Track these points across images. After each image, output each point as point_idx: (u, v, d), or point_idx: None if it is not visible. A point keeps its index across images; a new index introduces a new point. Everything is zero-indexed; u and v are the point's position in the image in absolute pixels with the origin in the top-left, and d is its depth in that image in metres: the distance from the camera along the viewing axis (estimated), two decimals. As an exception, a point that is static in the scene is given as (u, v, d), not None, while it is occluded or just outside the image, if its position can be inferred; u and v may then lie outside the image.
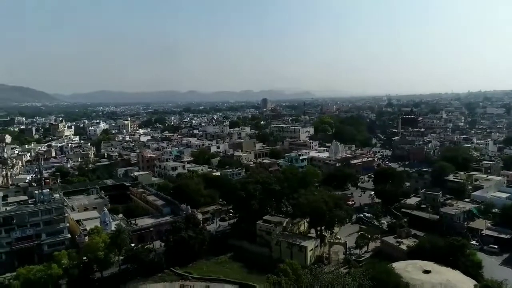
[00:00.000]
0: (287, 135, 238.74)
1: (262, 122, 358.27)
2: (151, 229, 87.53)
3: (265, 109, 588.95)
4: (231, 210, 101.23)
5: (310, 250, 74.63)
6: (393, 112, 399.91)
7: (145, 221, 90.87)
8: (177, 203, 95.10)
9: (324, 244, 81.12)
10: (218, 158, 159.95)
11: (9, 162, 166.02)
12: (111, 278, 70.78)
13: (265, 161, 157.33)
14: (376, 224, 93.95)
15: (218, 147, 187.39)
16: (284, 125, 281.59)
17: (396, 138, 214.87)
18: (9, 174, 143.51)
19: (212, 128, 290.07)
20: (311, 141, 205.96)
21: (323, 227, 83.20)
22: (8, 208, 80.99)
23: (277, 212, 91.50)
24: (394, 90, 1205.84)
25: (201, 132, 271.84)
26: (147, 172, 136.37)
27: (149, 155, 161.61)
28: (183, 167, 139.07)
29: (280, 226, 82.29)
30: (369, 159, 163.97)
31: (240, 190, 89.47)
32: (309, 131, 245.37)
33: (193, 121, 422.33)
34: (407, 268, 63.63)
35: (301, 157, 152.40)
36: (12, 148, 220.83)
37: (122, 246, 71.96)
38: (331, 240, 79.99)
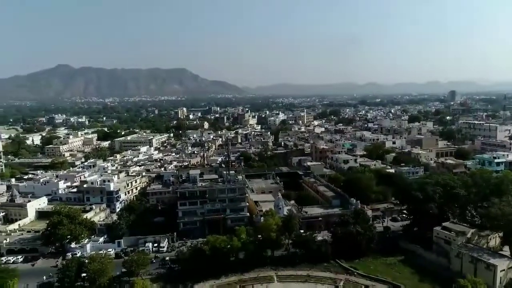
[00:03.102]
0: (479, 134, 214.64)
1: (447, 118, 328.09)
2: (320, 218, 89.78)
3: (452, 103, 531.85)
4: (404, 211, 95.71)
5: (501, 270, 64.70)
6: None
7: (314, 210, 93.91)
8: (347, 197, 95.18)
9: (521, 266, 67.71)
10: (394, 154, 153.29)
11: (205, 145, 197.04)
12: (280, 259, 76.00)
13: (448, 161, 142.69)
14: None
15: (394, 143, 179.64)
16: (476, 122, 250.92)
17: None
18: (205, 155, 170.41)
19: (389, 122, 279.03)
20: (511, 141, 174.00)
21: (521, 246, 69.58)
22: (203, 184, 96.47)
23: (459, 220, 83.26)
24: None
25: (376, 126, 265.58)
26: (319, 163, 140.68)
27: (322, 147, 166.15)
28: (355, 160, 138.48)
29: (463, 236, 74.14)
30: None
31: (416, 191, 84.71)
32: (509, 130, 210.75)
33: (368, 114, 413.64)
34: None
35: (496, 160, 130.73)
36: (208, 133, 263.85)
37: (292, 231, 76.83)
38: (533, 264, 66.19)
